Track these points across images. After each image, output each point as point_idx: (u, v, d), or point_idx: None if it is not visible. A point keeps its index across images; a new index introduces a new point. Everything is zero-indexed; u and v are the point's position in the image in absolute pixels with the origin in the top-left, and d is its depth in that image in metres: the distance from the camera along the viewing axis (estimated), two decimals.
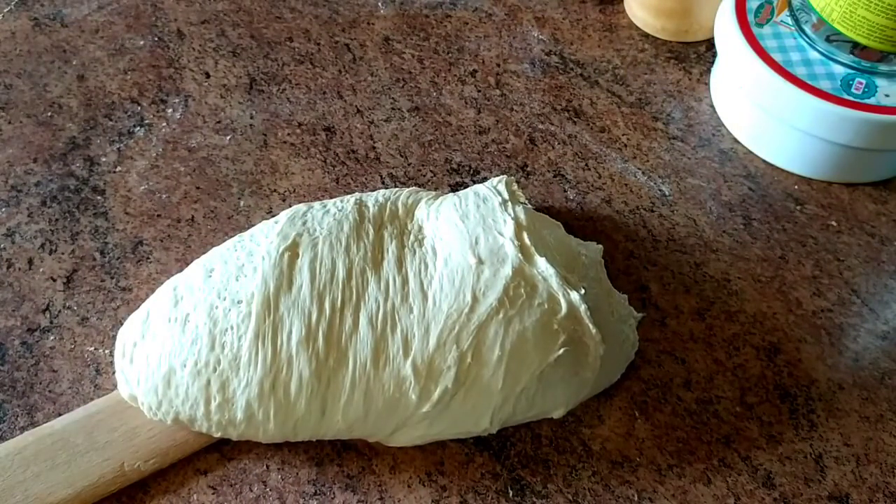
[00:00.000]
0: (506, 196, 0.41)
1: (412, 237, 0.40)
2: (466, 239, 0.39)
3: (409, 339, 0.36)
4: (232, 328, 0.37)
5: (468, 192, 0.41)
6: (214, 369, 0.36)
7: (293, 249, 0.38)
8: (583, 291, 0.38)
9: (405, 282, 0.38)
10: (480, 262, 0.38)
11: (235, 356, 0.36)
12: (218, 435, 0.38)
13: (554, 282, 0.37)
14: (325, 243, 0.39)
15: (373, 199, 0.41)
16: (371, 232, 0.39)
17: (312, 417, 0.37)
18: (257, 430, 0.37)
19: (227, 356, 0.36)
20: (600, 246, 0.42)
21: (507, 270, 0.37)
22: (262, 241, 0.39)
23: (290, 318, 0.37)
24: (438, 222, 0.40)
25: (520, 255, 0.38)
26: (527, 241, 0.38)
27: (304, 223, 0.40)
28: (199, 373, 0.36)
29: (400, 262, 0.38)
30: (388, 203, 0.41)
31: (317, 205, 0.41)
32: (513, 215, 0.39)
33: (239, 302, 0.37)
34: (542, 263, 0.38)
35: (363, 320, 0.37)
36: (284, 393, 0.36)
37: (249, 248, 0.39)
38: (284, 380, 0.36)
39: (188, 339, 0.37)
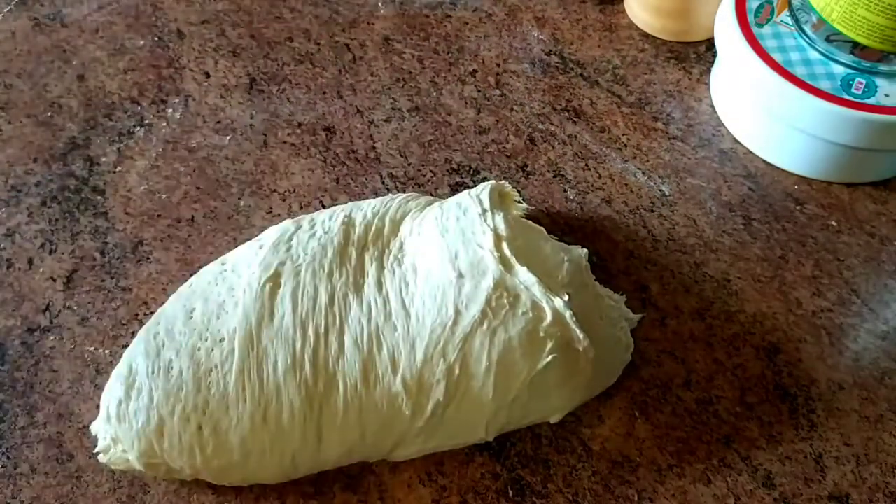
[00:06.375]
0: (486, 206, 0.40)
1: (392, 257, 0.40)
2: (446, 254, 0.38)
3: (397, 357, 0.36)
4: (216, 367, 0.36)
5: (451, 204, 0.41)
6: (204, 412, 0.36)
7: (275, 280, 0.38)
8: (567, 297, 0.38)
9: (386, 301, 0.38)
10: (461, 275, 0.38)
11: (223, 395, 0.36)
12: (223, 483, 0.38)
13: (536, 290, 0.37)
14: (307, 271, 0.38)
15: (362, 214, 0.41)
16: (353, 256, 0.39)
17: (309, 446, 0.36)
18: (256, 468, 0.37)
19: (215, 397, 0.36)
20: (584, 250, 0.42)
21: (487, 282, 0.37)
22: (244, 271, 0.39)
23: (273, 349, 0.36)
24: (420, 237, 0.40)
25: (500, 265, 0.38)
26: (506, 251, 0.38)
27: (289, 249, 0.39)
28: (189, 419, 0.36)
29: (380, 284, 0.38)
30: (377, 219, 0.41)
31: (305, 223, 0.41)
32: (492, 226, 0.39)
33: (221, 340, 0.37)
34: (522, 273, 0.38)
35: (348, 343, 0.37)
36: (277, 423, 0.36)
37: (231, 280, 0.39)
38: (275, 411, 0.36)
39: (174, 386, 0.36)
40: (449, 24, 0.57)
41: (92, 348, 0.43)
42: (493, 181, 0.43)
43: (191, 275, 0.42)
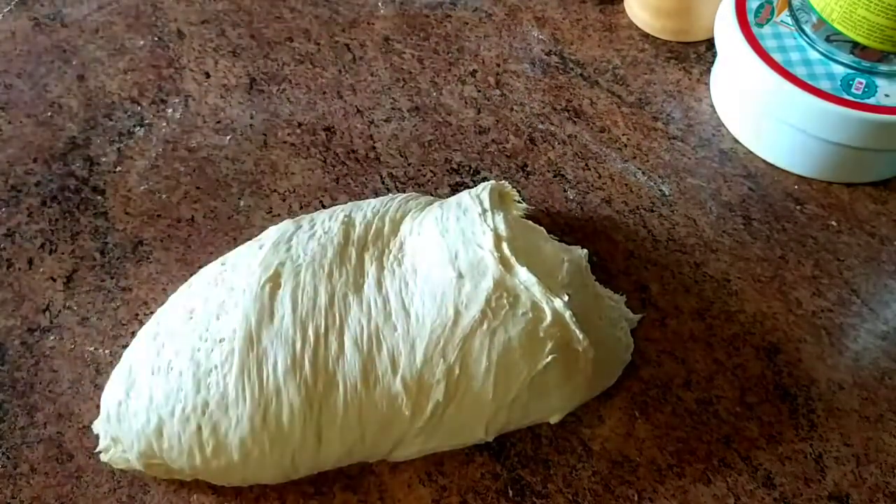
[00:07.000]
0: (487, 206, 0.40)
1: (391, 257, 0.39)
2: (446, 254, 0.38)
3: (397, 357, 0.36)
4: (216, 368, 0.36)
5: (451, 203, 0.41)
6: (203, 412, 0.36)
7: (275, 280, 0.38)
8: (566, 298, 0.38)
9: (386, 302, 0.38)
10: (461, 276, 0.38)
11: (223, 396, 0.36)
12: (223, 483, 0.38)
13: (536, 290, 0.37)
14: (307, 271, 0.38)
15: (361, 214, 0.41)
16: (353, 256, 0.39)
17: (309, 446, 0.36)
18: (256, 469, 0.37)
19: (214, 397, 0.36)
20: (584, 250, 0.42)
21: (487, 283, 0.37)
22: (244, 271, 0.39)
23: (273, 349, 0.36)
24: (420, 238, 0.40)
25: (500, 266, 0.38)
26: (506, 251, 0.38)
27: (289, 250, 0.39)
28: (189, 419, 0.36)
29: (380, 284, 0.38)
30: (376, 218, 0.41)
31: (305, 223, 0.41)
32: (492, 226, 0.39)
33: (221, 340, 0.37)
34: (523, 273, 0.38)
35: (348, 343, 0.37)
36: (277, 424, 0.36)
37: (230, 281, 0.39)
38: (275, 411, 0.36)
39: (173, 386, 0.36)
40: (449, 24, 0.57)
41: (92, 348, 0.43)
42: (493, 181, 0.43)
43: (191, 275, 0.42)
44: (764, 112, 0.48)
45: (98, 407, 0.39)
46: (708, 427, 0.41)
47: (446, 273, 0.38)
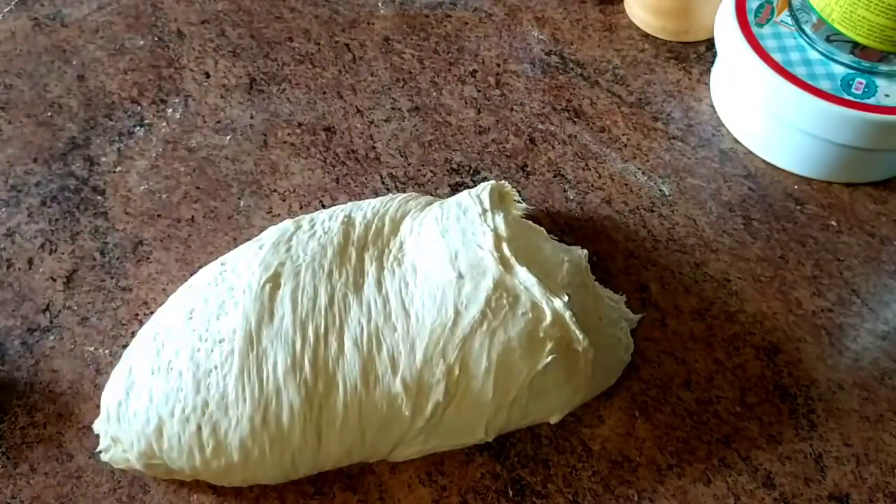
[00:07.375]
0: (487, 206, 0.40)
1: (391, 257, 0.39)
2: (446, 254, 0.38)
3: (396, 357, 0.36)
4: (216, 368, 0.36)
5: (451, 204, 0.41)
6: (203, 413, 0.36)
7: (275, 280, 0.38)
8: (566, 298, 0.38)
9: (386, 302, 0.38)
10: (461, 276, 0.38)
11: (222, 396, 0.36)
12: (223, 483, 0.38)
13: (536, 290, 0.37)
14: (307, 271, 0.38)
15: (361, 214, 0.41)
16: (353, 256, 0.39)
17: (309, 446, 0.36)
18: (256, 469, 0.36)
19: (214, 397, 0.36)
20: (584, 250, 0.42)
21: (487, 283, 0.37)
22: (244, 271, 0.39)
23: (273, 349, 0.36)
24: (420, 237, 0.40)
25: (500, 266, 0.38)
26: (506, 251, 0.38)
27: (288, 250, 0.39)
28: (188, 419, 0.36)
29: (380, 284, 0.38)
30: (376, 218, 0.41)
31: (305, 223, 0.41)
32: (492, 226, 0.39)
33: (221, 341, 0.37)
34: (522, 273, 0.38)
35: (348, 343, 0.37)
36: (277, 424, 0.36)
37: (230, 281, 0.39)
38: (275, 411, 0.36)
39: (173, 386, 0.36)
40: (449, 24, 0.57)
41: (92, 348, 0.43)
42: (493, 181, 0.43)
43: (191, 275, 0.42)
44: (764, 112, 0.48)
45: (98, 407, 0.39)
46: (708, 427, 0.41)
47: (446, 273, 0.38)
